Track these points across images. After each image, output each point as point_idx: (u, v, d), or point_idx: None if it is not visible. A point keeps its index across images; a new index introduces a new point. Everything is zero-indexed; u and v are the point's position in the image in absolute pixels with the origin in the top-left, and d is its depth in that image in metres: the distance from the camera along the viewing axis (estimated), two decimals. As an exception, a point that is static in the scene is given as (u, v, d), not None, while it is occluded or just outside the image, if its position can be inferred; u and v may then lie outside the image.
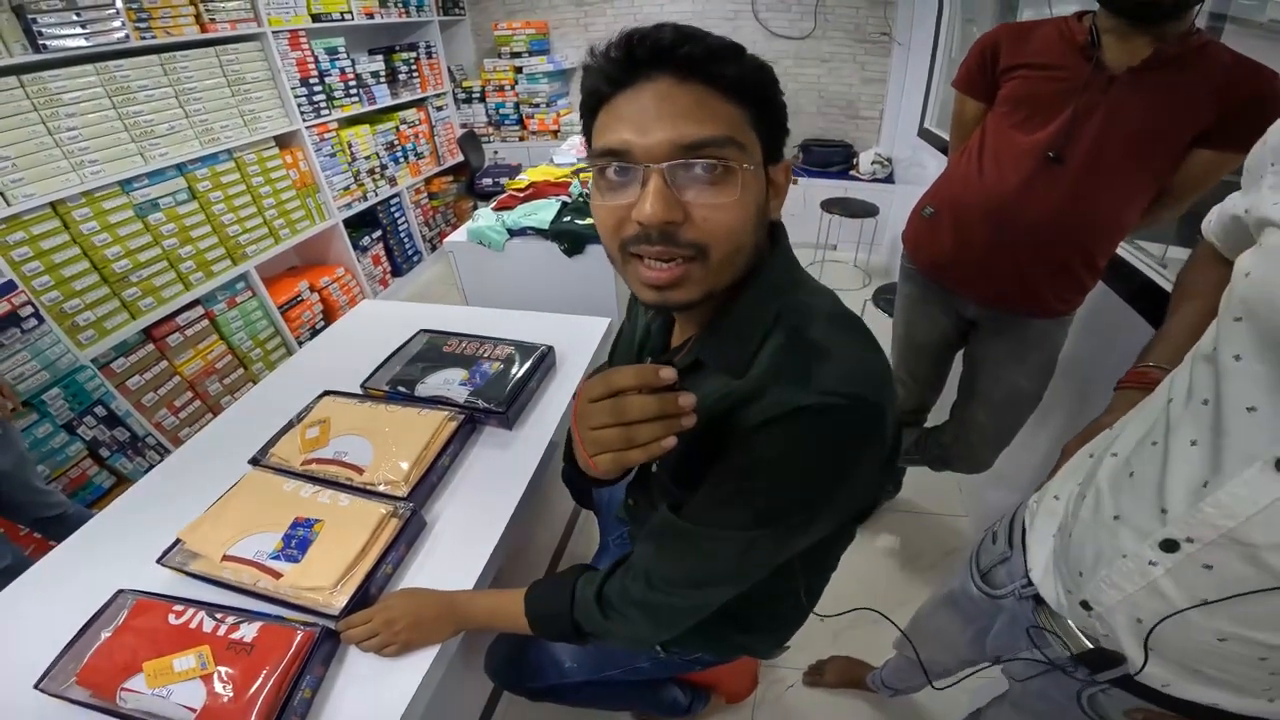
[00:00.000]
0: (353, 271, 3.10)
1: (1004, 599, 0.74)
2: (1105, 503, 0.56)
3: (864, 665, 1.38)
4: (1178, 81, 0.95)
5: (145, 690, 0.65)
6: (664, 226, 0.46)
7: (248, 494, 0.89)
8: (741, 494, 0.52)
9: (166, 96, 2.10)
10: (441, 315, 1.45)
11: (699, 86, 0.46)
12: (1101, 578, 0.55)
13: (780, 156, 0.54)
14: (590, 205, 0.54)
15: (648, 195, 0.46)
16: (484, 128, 4.18)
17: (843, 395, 0.47)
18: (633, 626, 0.63)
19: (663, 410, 0.43)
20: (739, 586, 0.59)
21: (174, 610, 0.72)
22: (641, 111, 0.46)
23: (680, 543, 0.57)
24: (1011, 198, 1.11)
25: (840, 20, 3.37)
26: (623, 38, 0.47)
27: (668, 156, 0.46)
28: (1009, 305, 1.23)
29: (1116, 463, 0.57)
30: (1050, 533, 0.67)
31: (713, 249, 0.48)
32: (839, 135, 3.69)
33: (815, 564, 0.71)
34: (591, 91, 0.51)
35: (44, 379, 1.75)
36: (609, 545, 1.10)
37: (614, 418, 0.43)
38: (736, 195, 0.47)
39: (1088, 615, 0.58)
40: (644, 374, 0.43)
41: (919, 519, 1.84)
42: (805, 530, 0.54)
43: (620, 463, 0.44)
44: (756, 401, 0.49)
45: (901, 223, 1.45)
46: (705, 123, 0.46)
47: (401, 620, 0.72)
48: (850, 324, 0.55)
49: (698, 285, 0.50)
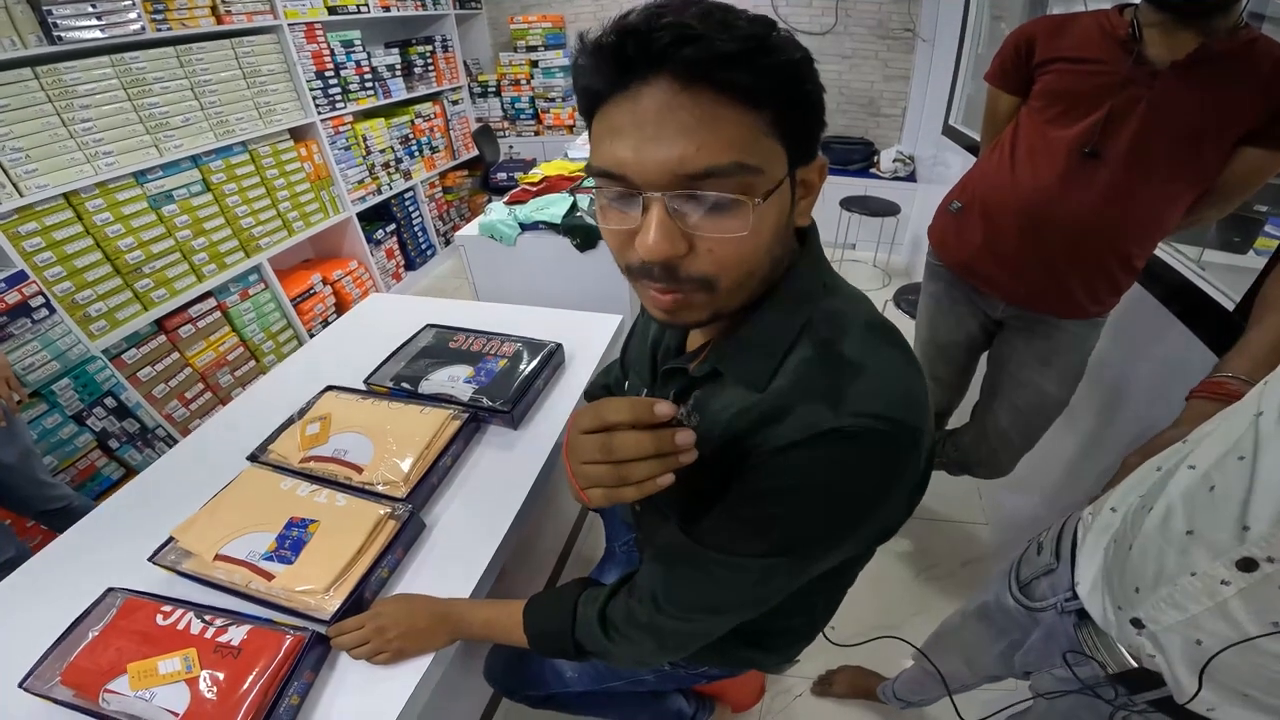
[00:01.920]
0: (366, 265, 3.10)
1: (1043, 612, 0.72)
2: (1177, 517, 0.53)
3: (875, 676, 1.35)
4: (1224, 78, 0.91)
5: (128, 692, 0.63)
6: (666, 261, 0.42)
7: (243, 492, 0.87)
8: (760, 520, 0.47)
9: (182, 89, 2.10)
10: (450, 310, 1.42)
11: (706, 93, 0.38)
12: (1162, 596, 0.52)
13: (812, 155, 0.46)
14: (598, 222, 0.49)
15: (649, 227, 0.41)
16: (499, 122, 4.16)
17: (877, 418, 0.42)
18: (637, 649, 0.60)
19: (658, 448, 0.39)
20: (754, 612, 0.55)
21: (162, 610, 0.70)
22: (638, 125, 0.39)
23: (691, 566, 0.53)
24: (1045, 194, 1.08)
25: (862, 16, 3.30)
26: (613, 29, 0.40)
27: (668, 185, 0.40)
28: (1039, 306, 1.18)
29: (1194, 476, 0.53)
30: (1102, 546, 0.64)
31: (720, 280, 0.44)
32: (859, 132, 3.62)
33: (833, 582, 0.67)
34: (583, 91, 0.44)
35: (54, 369, 1.75)
36: (615, 551, 1.07)
37: (604, 454, 0.40)
38: (745, 231, 0.41)
39: (1137, 633, 0.55)
40: (638, 409, 0.40)
41: (936, 526, 1.78)
42: (826, 557, 0.50)
43: (613, 499, 0.41)
44: (781, 421, 0.45)
45: (924, 222, 1.42)
46: (710, 144, 0.38)
47: (394, 628, 0.69)
48: (886, 335, 0.50)
49: (704, 310, 0.46)
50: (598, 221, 0.47)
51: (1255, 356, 0.72)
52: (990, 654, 0.86)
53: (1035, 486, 1.58)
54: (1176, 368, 1.11)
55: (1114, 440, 1.25)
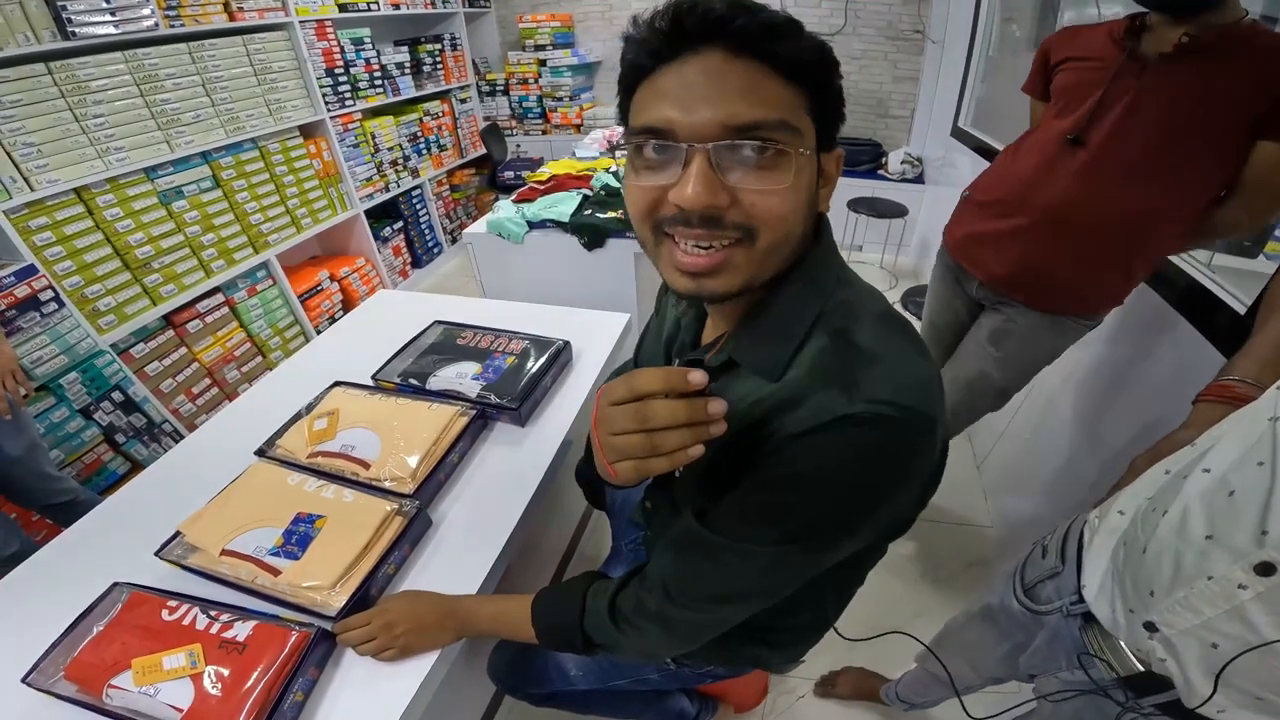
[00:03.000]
0: (373, 262, 3.11)
1: (1049, 615, 0.71)
2: (1195, 521, 0.52)
3: (878, 677, 1.35)
4: (1217, 69, 0.92)
5: (132, 688, 0.62)
6: (706, 210, 0.42)
7: (251, 487, 0.86)
8: (774, 507, 0.47)
9: (193, 84, 2.11)
10: (457, 307, 1.42)
11: (753, 64, 0.42)
12: (1178, 599, 0.52)
13: (834, 144, 0.49)
14: (622, 184, 0.49)
15: (690, 177, 0.42)
16: (507, 121, 4.16)
17: (893, 405, 0.42)
18: (647, 640, 0.59)
19: (691, 417, 0.39)
20: (764, 603, 0.54)
21: (168, 606, 0.69)
22: (687, 88, 0.42)
23: (702, 554, 0.52)
24: (1028, 176, 1.13)
25: (872, 17, 3.29)
26: (670, 5, 0.43)
27: (715, 137, 0.41)
28: (1011, 290, 1.20)
29: (1211, 480, 0.53)
30: (1110, 549, 0.63)
31: (761, 232, 0.44)
32: (868, 134, 3.60)
33: (845, 579, 0.66)
34: (632, 65, 0.46)
35: (62, 363, 1.76)
36: (621, 549, 1.06)
37: (637, 424, 0.40)
38: (789, 181, 0.43)
39: (1149, 637, 0.55)
40: (671, 377, 0.39)
41: (941, 528, 1.77)
42: (839, 547, 0.50)
43: (642, 471, 0.41)
44: (796, 409, 0.45)
45: (931, 224, 1.46)
46: (758, 104, 0.41)
47: (401, 624, 0.69)
48: (899, 326, 0.50)
49: (740, 272, 0.46)
50: (624, 182, 0.48)
51: (1262, 359, 0.72)
52: (994, 656, 0.86)
53: (1040, 489, 1.58)
54: (1184, 370, 1.10)
55: (1120, 443, 1.24)
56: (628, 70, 0.47)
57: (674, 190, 0.43)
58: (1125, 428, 1.25)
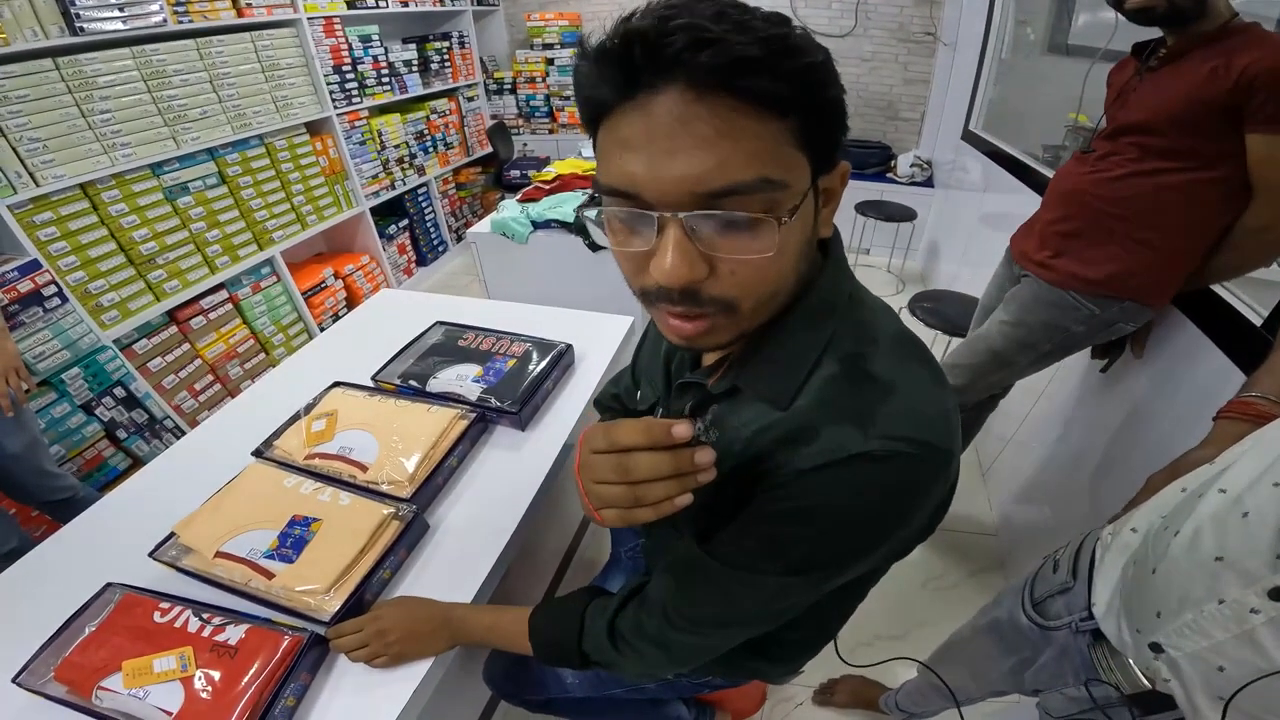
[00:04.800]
0: (378, 260, 3.11)
1: (1057, 631, 0.71)
2: (1206, 542, 0.51)
3: (877, 686, 1.34)
4: (1197, 66, 0.99)
5: (121, 690, 0.62)
6: (685, 286, 0.39)
7: (247, 488, 0.85)
8: (781, 540, 0.45)
9: (201, 81, 2.11)
10: (460, 308, 1.41)
11: (724, 100, 0.35)
12: (1186, 621, 0.51)
13: (834, 163, 0.43)
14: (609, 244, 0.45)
15: (666, 250, 0.38)
16: (514, 119, 4.16)
17: (909, 441, 0.40)
18: (645, 661, 0.58)
19: (677, 469, 0.37)
20: (765, 627, 0.53)
21: (160, 608, 0.69)
22: (650, 138, 0.36)
23: (704, 581, 0.51)
24: (1059, 175, 1.30)
25: (882, 19, 3.27)
26: (618, 33, 0.36)
27: (686, 205, 0.37)
28: (1025, 259, 1.32)
29: (1226, 500, 0.52)
30: (1120, 566, 0.62)
31: (742, 302, 0.41)
32: (877, 136, 3.58)
33: (847, 594, 0.64)
34: (586, 101, 0.40)
35: (64, 358, 1.76)
36: (620, 556, 1.05)
37: (619, 476, 0.38)
38: (773, 251, 0.38)
39: (1155, 657, 0.55)
40: (654, 432, 0.37)
41: (944, 536, 1.76)
42: (842, 576, 0.48)
43: (627, 520, 0.39)
44: (807, 443, 0.43)
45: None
46: (730, 159, 0.35)
47: (394, 631, 0.68)
48: (915, 351, 0.47)
49: (727, 332, 0.44)
50: (607, 240, 0.43)
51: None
52: (998, 670, 0.85)
53: (1045, 499, 1.56)
54: (1195, 381, 1.09)
55: (1126, 455, 1.23)
56: (583, 105, 0.41)
57: (653, 263, 0.39)
58: (1133, 439, 1.23)
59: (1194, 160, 1.03)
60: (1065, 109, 1.93)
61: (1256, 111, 0.94)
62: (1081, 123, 1.83)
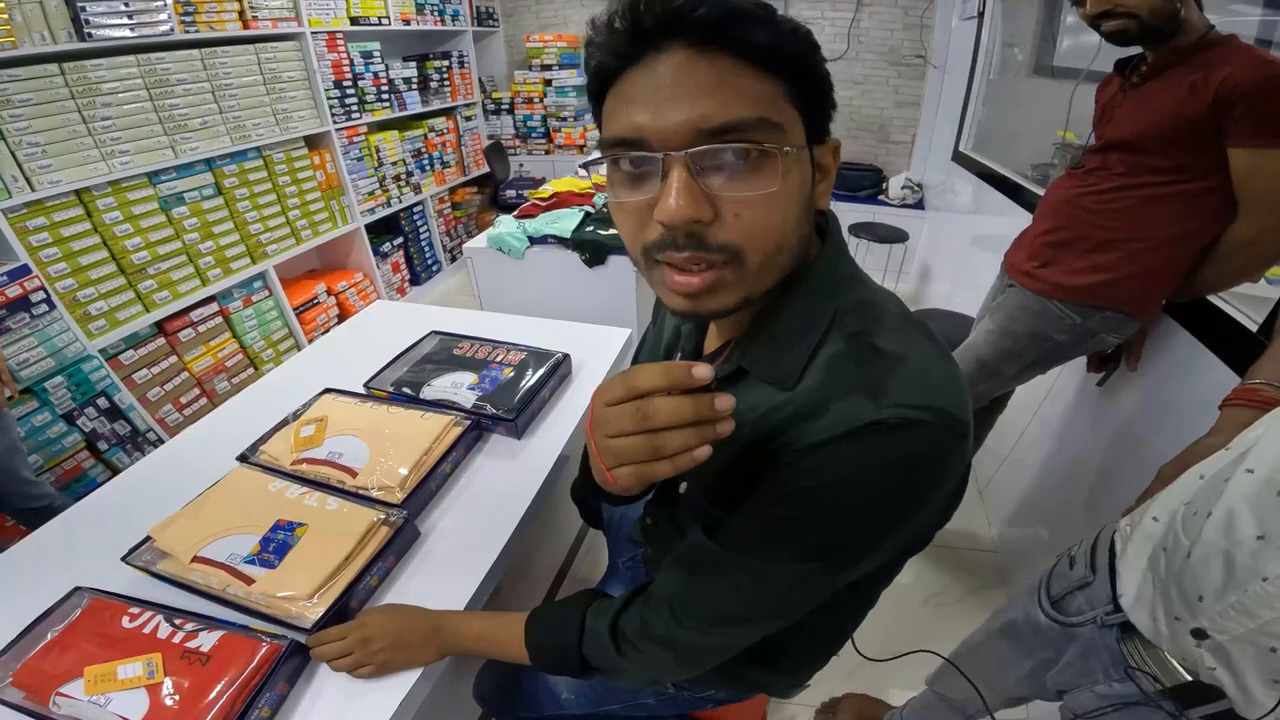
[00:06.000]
0: (371, 277, 3.09)
1: (1080, 627, 0.70)
2: (1244, 522, 0.50)
3: (881, 704, 1.31)
4: (1174, 82, 1.01)
5: (81, 697, 0.58)
6: (690, 226, 0.39)
7: (230, 492, 0.83)
8: (795, 521, 0.43)
9: (203, 91, 2.12)
10: (455, 319, 1.39)
11: (722, 57, 0.38)
12: (1230, 603, 0.50)
13: (826, 135, 0.46)
14: (609, 205, 0.46)
15: (670, 190, 0.39)
16: (511, 140, 4.20)
17: (926, 409, 0.39)
18: (651, 664, 0.55)
19: (697, 414, 0.35)
20: (778, 624, 0.50)
21: (129, 613, 0.65)
22: (655, 91, 0.39)
23: (715, 573, 0.48)
24: (1051, 189, 1.31)
25: (874, 42, 3.34)
26: (627, 3, 0.39)
27: (690, 143, 0.38)
28: (1013, 270, 1.34)
29: (1256, 480, 0.51)
30: (1146, 555, 0.62)
31: (749, 252, 0.41)
32: (869, 159, 3.63)
33: (860, 598, 0.62)
34: (596, 71, 0.43)
35: (48, 366, 1.72)
36: (619, 568, 1.01)
37: (637, 424, 0.35)
38: (776, 185, 0.39)
39: (1196, 645, 0.54)
40: (674, 371, 0.35)
41: (944, 552, 1.73)
42: (860, 563, 0.46)
43: (644, 477, 0.37)
44: (816, 418, 0.41)
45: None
46: (732, 101, 0.38)
47: (380, 640, 0.64)
48: (921, 327, 0.47)
49: (733, 290, 0.42)
50: (609, 202, 0.44)
51: None
52: (1016, 674, 0.83)
53: (1044, 513, 1.56)
54: (1195, 391, 1.08)
55: (1125, 467, 1.23)
56: (592, 77, 0.44)
57: (658, 207, 0.40)
58: (1132, 451, 1.23)
59: (1183, 174, 1.04)
60: (1053, 128, 1.97)
61: (1236, 126, 0.95)
62: (1070, 140, 1.86)
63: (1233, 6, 1.43)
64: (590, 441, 0.40)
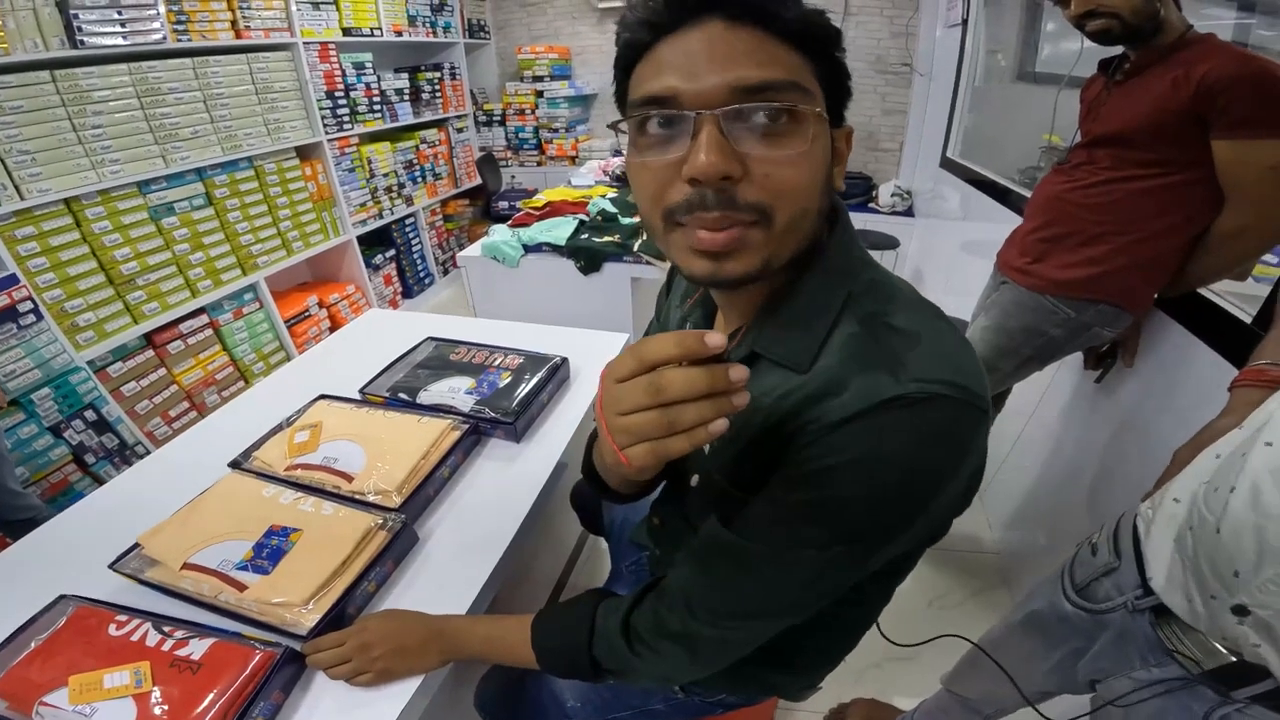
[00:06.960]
0: (363, 290, 3.07)
1: (1110, 614, 0.69)
2: (1271, 495, 0.50)
3: (890, 709, 1.29)
4: (1156, 79, 1.04)
5: (66, 706, 0.56)
6: (720, 182, 0.39)
7: (221, 498, 0.80)
8: (821, 505, 0.42)
9: (195, 100, 2.11)
10: (451, 326, 1.38)
11: (755, 30, 0.40)
12: (1269, 577, 0.49)
13: (842, 120, 0.47)
14: (627, 166, 0.46)
15: (700, 145, 0.38)
16: (502, 151, 4.21)
17: (948, 384, 0.39)
18: (665, 663, 0.53)
19: (712, 385, 0.33)
20: (799, 617, 0.49)
21: (116, 620, 0.63)
22: (689, 56, 0.40)
23: (732, 566, 0.47)
24: (1040, 187, 1.33)
25: (861, 51, 3.38)
26: None
27: (723, 102, 0.39)
28: (1005, 267, 1.35)
29: (1277, 453, 0.51)
30: (1172, 537, 0.61)
31: (777, 211, 0.40)
32: (858, 167, 3.67)
33: (881, 588, 0.60)
34: (628, 43, 0.43)
35: (35, 378, 1.69)
36: (622, 571, 0.99)
37: (650, 398, 0.34)
38: (806, 146, 0.40)
39: (1238, 623, 0.52)
40: (685, 341, 0.34)
41: (946, 555, 1.73)
42: (887, 547, 0.45)
43: (659, 454, 0.35)
44: (834, 397, 0.41)
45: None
46: (766, 65, 0.39)
47: (380, 646, 0.62)
48: (934, 309, 0.47)
49: (758, 252, 0.42)
50: (628, 164, 0.45)
51: None
52: (1042, 668, 0.81)
53: (1046, 518, 1.55)
54: (1193, 385, 1.09)
55: (1125, 463, 1.23)
56: (624, 49, 0.44)
57: (687, 163, 0.40)
58: (1132, 447, 1.23)
59: (1168, 166, 1.06)
60: (1039, 132, 2.00)
61: (1219, 118, 0.97)
62: (1055, 144, 1.89)
63: (1206, 10, 1.46)
64: (601, 422, 0.38)
